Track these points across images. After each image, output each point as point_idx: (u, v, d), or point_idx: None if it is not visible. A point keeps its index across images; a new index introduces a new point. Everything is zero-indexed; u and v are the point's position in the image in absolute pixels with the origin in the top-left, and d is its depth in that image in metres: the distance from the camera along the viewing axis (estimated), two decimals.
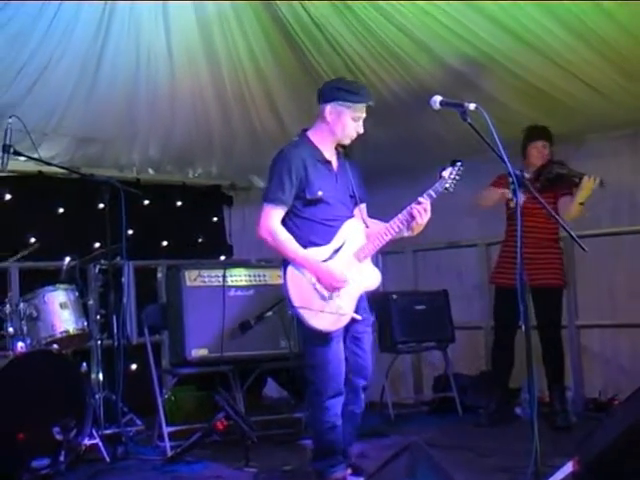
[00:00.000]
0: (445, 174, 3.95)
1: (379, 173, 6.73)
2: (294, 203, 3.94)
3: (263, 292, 5.65)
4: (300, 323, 3.92)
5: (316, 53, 5.57)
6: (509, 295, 5.48)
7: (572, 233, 3.67)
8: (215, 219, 8.02)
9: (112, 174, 6.50)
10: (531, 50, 5.04)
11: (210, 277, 5.57)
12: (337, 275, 3.85)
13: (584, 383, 6.11)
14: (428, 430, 5.60)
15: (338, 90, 3.96)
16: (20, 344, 4.75)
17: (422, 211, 3.89)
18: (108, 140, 6.47)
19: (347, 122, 3.93)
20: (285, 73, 5.87)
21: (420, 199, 3.91)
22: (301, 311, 3.83)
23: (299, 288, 3.86)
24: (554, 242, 5.66)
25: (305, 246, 3.90)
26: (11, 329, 4.92)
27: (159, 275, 7.06)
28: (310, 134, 4.03)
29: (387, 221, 4.02)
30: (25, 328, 4.96)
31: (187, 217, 7.68)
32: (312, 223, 3.95)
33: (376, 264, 7.15)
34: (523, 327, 3.46)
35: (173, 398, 6.05)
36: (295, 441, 5.32)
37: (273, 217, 3.89)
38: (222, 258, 7.72)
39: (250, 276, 5.70)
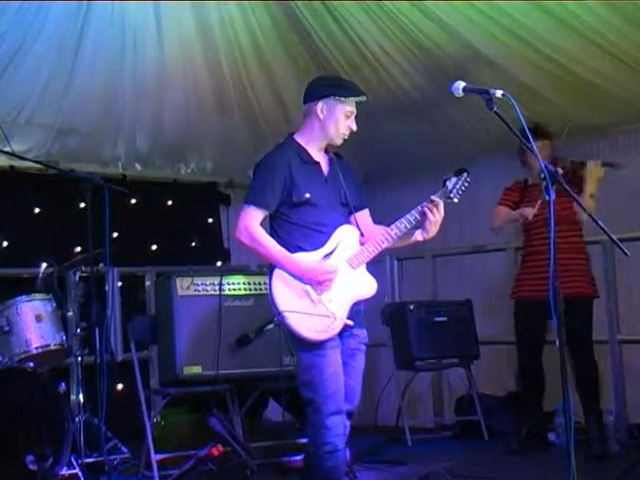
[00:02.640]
0: (449, 184, 4.02)
1: (399, 170, 6.73)
2: (281, 209, 4.02)
3: (264, 302, 5.54)
4: (289, 334, 3.94)
5: (325, 38, 5.58)
6: (532, 309, 5.53)
7: (612, 236, 3.63)
8: (210, 220, 7.99)
9: (94, 169, 6.51)
10: (569, 30, 5.04)
11: (205, 285, 5.56)
12: (323, 266, 3.91)
13: (627, 406, 6.05)
14: (450, 457, 5.56)
15: (329, 86, 4.08)
16: None
17: (434, 209, 3.93)
18: (90, 132, 6.47)
19: (339, 119, 4.02)
20: (290, 57, 5.89)
21: (432, 197, 3.96)
22: (287, 315, 3.86)
23: (286, 292, 3.91)
24: (579, 248, 5.65)
25: (293, 252, 3.96)
26: None
27: (147, 283, 7.05)
28: (296, 136, 4.14)
29: None
30: None
31: (179, 218, 7.66)
32: (301, 228, 4.01)
33: (391, 271, 7.32)
34: (557, 343, 3.42)
35: (163, 422, 6.04)
36: (299, 470, 5.28)
37: (252, 218, 3.98)
38: (218, 264, 7.71)
39: (249, 284, 5.68)
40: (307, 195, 3.99)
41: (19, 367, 4.85)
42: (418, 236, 4.03)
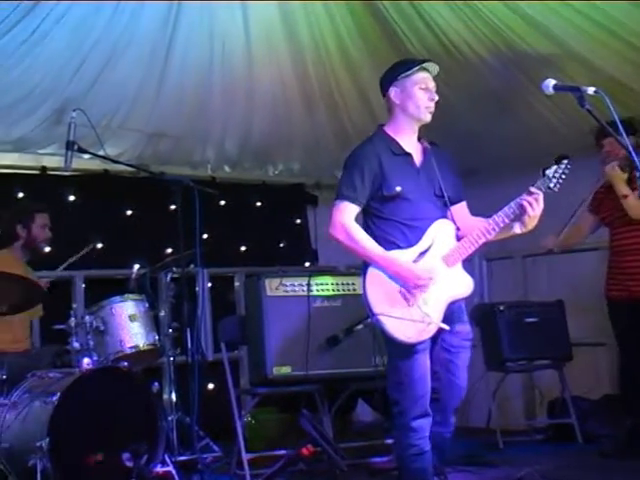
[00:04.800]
0: (549, 172, 3.88)
1: (482, 169, 6.67)
2: (372, 203, 3.96)
3: (352, 303, 5.63)
4: (382, 334, 3.92)
5: (411, 35, 5.57)
6: (623, 309, 5.43)
7: None
8: (298, 221, 8.05)
9: (184, 172, 6.64)
10: None
11: (293, 286, 5.59)
12: (420, 271, 3.83)
13: None
14: (543, 461, 5.48)
15: (393, 69, 4.07)
16: (86, 360, 4.81)
17: (533, 202, 3.83)
18: (180, 135, 6.58)
19: (415, 93, 3.95)
20: (376, 58, 5.88)
21: (531, 189, 3.84)
22: (382, 319, 3.82)
23: (380, 292, 3.86)
24: None
25: (387, 249, 3.89)
26: (76, 344, 5.02)
27: (237, 284, 7.15)
28: (385, 127, 4.08)
29: None
30: (91, 343, 5.06)
31: (267, 219, 7.74)
32: (394, 223, 3.94)
33: (480, 271, 7.26)
34: None
35: (253, 421, 6.11)
36: (390, 471, 5.29)
37: (346, 214, 3.93)
38: (306, 265, 7.76)
39: (338, 285, 5.70)
40: (398, 188, 3.91)
41: (114, 366, 4.94)
42: (516, 229, 3.93)
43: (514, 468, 5.18)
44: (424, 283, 3.83)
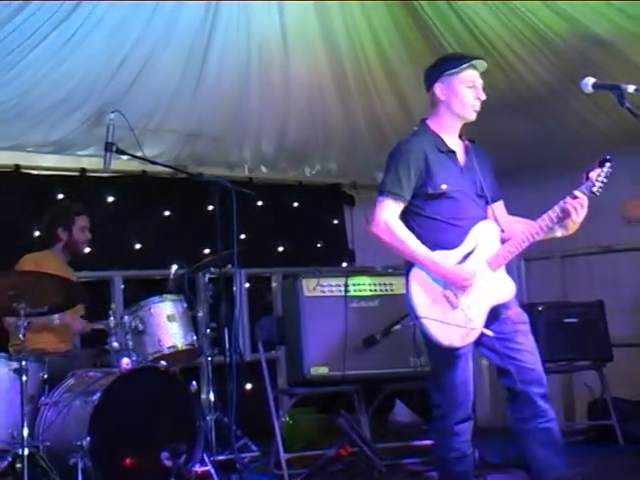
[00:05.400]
0: (593, 175, 3.80)
1: (520, 169, 6.63)
2: (415, 201, 3.86)
3: (390, 303, 5.63)
4: (425, 338, 3.82)
5: (448, 34, 5.56)
6: None
7: None
8: (335, 221, 8.06)
9: (222, 173, 6.68)
10: None
11: (330, 286, 5.60)
12: (465, 272, 3.75)
13: None
14: (584, 463, 5.41)
15: (438, 65, 3.96)
16: (125, 360, 4.83)
17: (578, 206, 3.75)
18: (217, 136, 6.62)
19: (462, 91, 3.86)
20: (413, 57, 5.87)
21: (576, 192, 3.76)
22: (426, 322, 3.73)
23: (424, 294, 3.77)
24: None
25: (430, 249, 3.79)
26: (116, 344, 5.07)
27: (274, 284, 7.17)
28: (429, 122, 3.98)
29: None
30: (130, 343, 5.12)
31: (304, 219, 7.77)
32: (437, 223, 3.85)
33: (519, 272, 7.21)
34: None
35: (291, 421, 6.13)
36: (428, 472, 5.28)
37: (390, 211, 3.81)
38: (343, 265, 7.76)
39: (375, 285, 5.70)
40: (444, 186, 3.82)
41: (153, 366, 4.98)
42: (557, 233, 3.87)
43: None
44: (469, 283, 3.76)
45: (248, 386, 6.60)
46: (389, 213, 3.81)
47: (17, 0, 4.68)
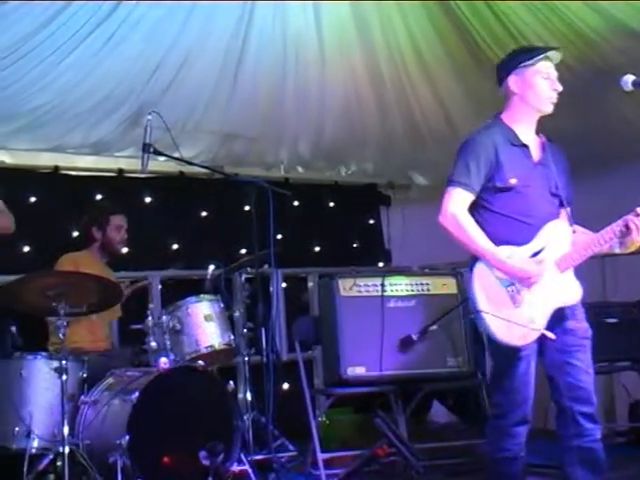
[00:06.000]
0: None
1: None
2: (484, 195, 3.77)
3: (426, 303, 5.63)
4: (486, 334, 3.73)
5: (486, 35, 5.53)
6: None
7: None
8: (371, 221, 8.06)
9: (258, 173, 6.70)
10: None
11: (367, 286, 5.61)
12: (532, 269, 3.65)
13: None
14: (626, 466, 5.38)
15: (513, 57, 3.90)
16: (163, 360, 4.87)
17: None
18: (253, 137, 6.65)
19: (537, 82, 3.79)
20: (450, 59, 5.85)
21: (639, 209, 3.63)
22: (487, 318, 3.64)
23: (487, 290, 3.68)
24: None
25: (497, 245, 3.70)
26: (154, 344, 5.13)
27: (310, 284, 7.18)
28: (503, 116, 3.90)
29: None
30: (168, 342, 5.16)
31: (340, 219, 7.77)
32: (505, 218, 3.75)
33: None
34: None
35: (328, 421, 6.13)
36: (467, 473, 5.26)
37: (457, 201, 3.72)
38: (380, 265, 7.76)
39: (412, 285, 5.70)
40: (512, 180, 3.72)
41: (190, 365, 5.02)
42: (616, 249, 3.77)
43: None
44: (536, 280, 3.66)
45: (285, 386, 6.61)
46: (457, 204, 3.72)
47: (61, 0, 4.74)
